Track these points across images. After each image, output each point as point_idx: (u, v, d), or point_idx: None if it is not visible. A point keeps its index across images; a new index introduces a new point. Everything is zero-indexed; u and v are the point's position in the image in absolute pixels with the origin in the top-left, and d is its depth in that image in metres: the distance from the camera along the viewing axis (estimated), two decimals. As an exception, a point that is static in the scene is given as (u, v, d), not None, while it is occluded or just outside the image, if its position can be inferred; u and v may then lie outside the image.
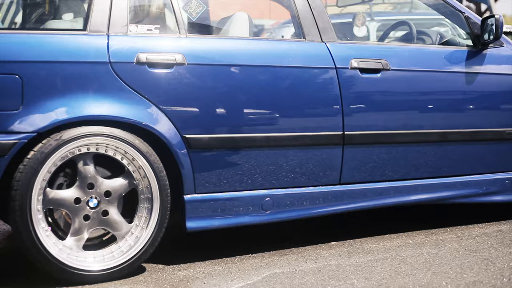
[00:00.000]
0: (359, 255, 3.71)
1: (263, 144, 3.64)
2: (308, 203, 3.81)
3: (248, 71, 3.61)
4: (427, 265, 3.49)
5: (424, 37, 4.55)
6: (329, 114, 3.79)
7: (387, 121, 3.96)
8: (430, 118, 4.09)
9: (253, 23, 4.14)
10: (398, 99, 4.00)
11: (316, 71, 3.77)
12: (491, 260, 3.54)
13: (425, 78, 4.08)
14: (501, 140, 4.33)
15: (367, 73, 3.89)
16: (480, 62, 4.25)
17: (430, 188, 4.16)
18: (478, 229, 4.23)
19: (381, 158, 3.98)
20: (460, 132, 4.17)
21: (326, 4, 4.87)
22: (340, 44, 3.92)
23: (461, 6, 4.38)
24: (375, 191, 4.00)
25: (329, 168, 3.83)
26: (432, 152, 4.13)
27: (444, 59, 4.17)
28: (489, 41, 4.22)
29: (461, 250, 3.76)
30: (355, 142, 3.86)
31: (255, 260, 3.65)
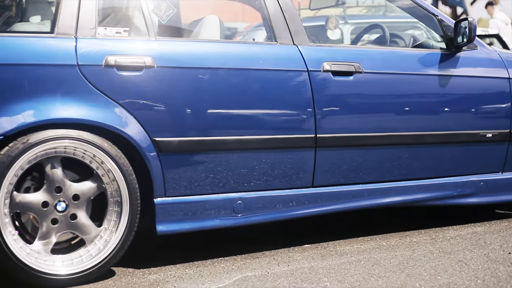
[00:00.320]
0: (333, 257, 3.69)
1: (235, 147, 3.62)
2: (281, 206, 3.78)
3: (219, 74, 3.59)
4: (400, 267, 3.47)
5: (398, 40, 4.54)
6: (301, 117, 3.77)
7: (360, 123, 3.94)
8: (403, 120, 4.08)
9: (224, 26, 4.13)
10: (371, 101, 3.99)
11: (288, 74, 3.76)
12: (466, 262, 3.53)
13: (398, 80, 4.07)
14: (475, 142, 4.33)
15: (340, 76, 3.87)
16: (453, 64, 4.25)
17: (405, 190, 4.15)
18: (453, 231, 4.22)
19: (354, 160, 3.97)
20: (434, 134, 4.17)
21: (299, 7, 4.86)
22: (312, 47, 3.91)
23: (434, 9, 4.39)
24: (349, 194, 3.98)
25: (302, 171, 3.81)
26: (406, 154, 4.12)
27: (418, 62, 4.17)
28: (463, 44, 4.22)
29: (435, 252, 3.75)
30: (328, 144, 3.84)
31: (227, 263, 3.62)
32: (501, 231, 4.20)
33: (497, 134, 4.37)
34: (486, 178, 4.40)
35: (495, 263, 3.50)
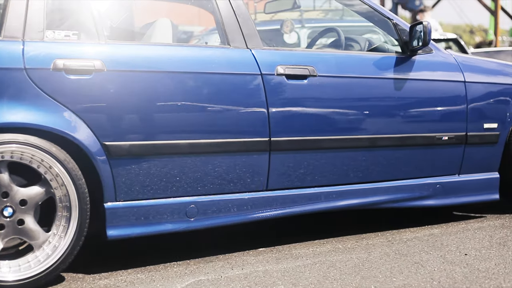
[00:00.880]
0: (287, 260, 3.67)
1: (187, 151, 3.58)
2: (235, 210, 3.76)
3: (170, 77, 3.56)
4: (356, 269, 3.46)
5: (353, 43, 4.54)
6: (255, 120, 3.75)
7: (315, 127, 3.93)
8: (358, 123, 4.08)
9: (176, 29, 4.10)
10: (325, 105, 3.98)
11: (241, 78, 3.73)
12: (421, 264, 3.53)
13: (353, 84, 4.07)
14: (431, 145, 4.34)
15: (294, 79, 3.86)
16: (408, 68, 4.26)
17: (362, 193, 4.15)
18: (410, 233, 4.22)
19: (310, 163, 3.95)
20: (389, 137, 4.17)
21: (256, 10, 4.85)
22: (266, 51, 3.89)
23: (389, 13, 4.39)
24: (305, 197, 3.97)
25: (256, 174, 3.79)
26: (362, 157, 4.12)
27: (373, 65, 4.17)
28: (418, 47, 4.24)
29: (391, 254, 3.74)
30: (282, 148, 3.83)
31: (180, 267, 3.59)
32: (458, 233, 4.20)
33: (453, 136, 4.38)
34: (443, 180, 4.42)
35: (451, 264, 3.50)
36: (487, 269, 3.41)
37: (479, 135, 4.48)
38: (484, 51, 13.69)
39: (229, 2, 3.86)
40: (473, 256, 3.66)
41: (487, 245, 3.88)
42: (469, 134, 4.43)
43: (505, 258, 3.59)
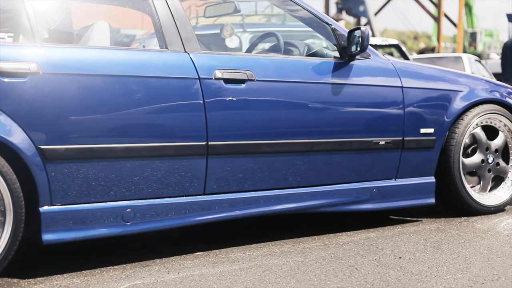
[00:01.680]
0: (224, 264, 3.68)
1: (124, 155, 3.58)
2: (173, 214, 3.77)
3: (107, 81, 3.55)
4: (291, 273, 3.49)
5: (292, 48, 4.57)
6: (193, 125, 3.76)
7: (253, 131, 3.96)
8: (296, 128, 4.11)
9: (115, 32, 4.09)
10: (263, 109, 4.00)
11: (179, 82, 3.74)
12: (356, 267, 3.56)
13: (291, 88, 4.10)
14: (369, 149, 4.40)
15: (232, 83, 3.88)
16: (346, 73, 4.31)
17: (299, 197, 4.18)
18: (346, 237, 4.26)
19: (248, 168, 3.98)
20: (327, 142, 4.22)
21: (198, 14, 4.86)
22: (204, 55, 3.91)
23: (328, 18, 4.44)
24: (243, 201, 3.99)
25: (194, 178, 3.81)
26: (300, 161, 4.16)
27: (311, 70, 4.21)
28: (356, 52, 4.29)
29: (327, 257, 3.78)
30: (220, 152, 3.84)
31: (116, 272, 3.57)
32: (394, 237, 4.26)
33: (390, 141, 4.44)
34: (379, 184, 4.47)
35: (385, 267, 3.55)
36: (420, 272, 3.46)
37: (415, 140, 4.54)
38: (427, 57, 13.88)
39: (167, 6, 3.87)
40: (407, 259, 3.71)
41: (421, 249, 3.94)
42: (406, 139, 4.50)
43: (439, 261, 3.65)
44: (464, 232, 4.35)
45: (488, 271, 3.45)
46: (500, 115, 4.92)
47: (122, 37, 5.48)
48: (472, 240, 4.13)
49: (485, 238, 4.18)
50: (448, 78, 4.83)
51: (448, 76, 4.86)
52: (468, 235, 4.28)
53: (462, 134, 4.70)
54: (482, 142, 4.87)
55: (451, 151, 4.67)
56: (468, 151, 4.92)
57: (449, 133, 4.69)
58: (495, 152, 4.94)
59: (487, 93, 4.92)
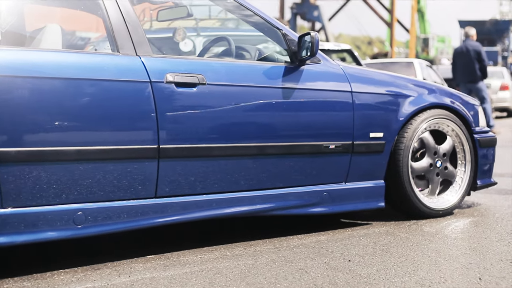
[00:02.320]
0: (175, 267, 3.70)
1: (76, 158, 3.57)
2: (125, 217, 3.77)
3: (58, 83, 3.54)
4: (242, 276, 3.51)
5: (244, 52, 4.61)
6: (144, 128, 3.77)
7: (204, 134, 3.98)
8: (247, 132, 4.14)
9: (67, 35, 4.08)
10: (214, 113, 4.02)
11: (130, 85, 3.75)
12: (306, 270, 3.60)
13: (242, 92, 4.13)
14: (318, 153, 4.45)
15: (183, 87, 3.90)
16: (297, 78, 4.35)
17: (251, 200, 4.21)
18: (297, 240, 4.30)
19: (200, 171, 4.00)
20: (278, 145, 4.25)
21: (152, 18, 4.86)
22: (156, 58, 3.92)
23: (279, 24, 4.48)
24: (195, 204, 4.01)
25: (146, 181, 3.81)
26: (252, 165, 4.19)
27: (262, 74, 4.24)
28: (306, 57, 4.34)
29: (277, 260, 3.81)
30: (171, 155, 3.86)
31: (67, 275, 3.57)
32: (344, 240, 4.31)
33: (340, 145, 4.49)
34: (329, 188, 4.52)
35: (335, 270, 3.59)
36: (369, 275, 3.51)
37: (365, 144, 4.61)
38: (379, 62, 14.01)
39: (119, 9, 3.88)
40: (357, 262, 3.76)
41: (370, 252, 3.99)
42: (356, 143, 4.56)
43: (387, 264, 3.70)
44: (413, 235, 4.42)
45: (435, 274, 3.51)
46: (448, 120, 5.01)
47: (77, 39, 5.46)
48: (421, 243, 4.19)
49: (433, 241, 4.25)
50: (397, 83, 4.90)
51: (397, 81, 4.93)
52: (416, 238, 4.34)
53: (410, 138, 4.78)
54: (430, 146, 4.96)
55: (400, 155, 4.74)
56: (417, 155, 5.01)
57: (398, 137, 4.77)
58: (443, 156, 5.03)
59: (435, 98, 5.00)
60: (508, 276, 3.44)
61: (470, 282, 3.35)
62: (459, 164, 5.18)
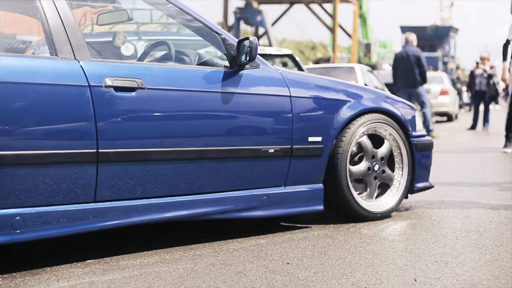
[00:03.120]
0: (114, 272, 3.70)
1: (14, 162, 3.55)
2: (64, 221, 3.75)
3: None
4: (181, 279, 3.53)
5: (183, 57, 4.63)
6: (82, 132, 3.76)
7: (144, 139, 3.99)
8: (187, 136, 4.16)
9: (9, 38, 4.06)
10: (154, 117, 4.03)
11: (68, 89, 3.73)
12: (245, 273, 3.63)
13: (182, 97, 4.15)
14: (258, 157, 4.48)
15: (122, 91, 3.90)
16: (236, 82, 4.38)
17: (191, 204, 4.23)
18: (237, 244, 4.33)
19: (140, 175, 4.00)
20: (217, 150, 4.28)
21: (93, 21, 4.84)
22: (95, 62, 3.91)
23: (218, 28, 4.50)
24: (135, 208, 4.01)
25: (86, 186, 3.80)
26: (192, 169, 4.21)
27: (202, 79, 4.26)
28: (245, 62, 4.37)
29: (217, 264, 3.83)
30: (110, 159, 3.86)
31: (5, 280, 3.53)
32: (283, 243, 4.35)
33: (279, 149, 4.54)
34: (269, 192, 4.56)
35: (273, 273, 3.63)
36: (307, 277, 3.55)
37: (304, 148, 4.66)
38: (321, 67, 14.12)
39: (57, 13, 3.86)
40: (295, 265, 3.80)
41: (309, 254, 4.04)
42: (294, 147, 4.61)
43: (325, 267, 3.75)
44: (351, 238, 4.48)
45: (372, 275, 3.57)
46: (385, 124, 5.09)
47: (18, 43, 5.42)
48: (358, 246, 4.25)
49: (371, 244, 4.31)
50: (336, 88, 4.97)
51: (336, 86, 4.99)
52: (354, 240, 4.41)
53: (349, 142, 4.85)
54: (368, 150, 5.03)
55: (338, 159, 4.81)
56: (355, 159, 5.08)
57: (336, 141, 4.83)
58: (381, 160, 5.11)
59: (373, 103, 5.08)
60: (442, 277, 3.52)
61: (405, 283, 3.42)
62: (397, 168, 5.26)
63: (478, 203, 5.85)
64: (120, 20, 4.86)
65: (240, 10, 35.12)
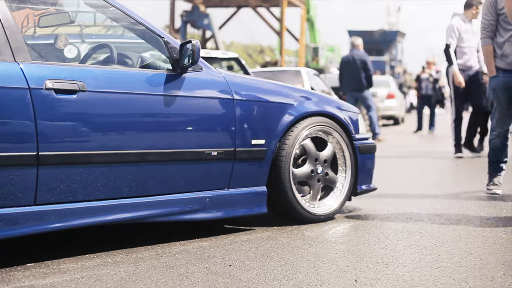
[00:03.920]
0: (55, 275, 3.67)
1: None
2: (4, 224, 3.71)
3: None
4: (122, 282, 3.52)
5: (126, 60, 4.61)
6: (23, 135, 3.73)
7: (85, 141, 3.97)
8: (129, 139, 4.15)
9: None
10: (95, 120, 4.02)
11: (8, 92, 3.70)
12: (187, 275, 3.63)
13: (124, 100, 4.14)
14: (201, 160, 4.49)
15: (63, 94, 3.88)
16: (178, 85, 4.39)
17: (133, 207, 4.22)
18: (180, 246, 4.33)
19: (82, 178, 3.98)
20: (159, 152, 4.27)
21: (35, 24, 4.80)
22: (35, 65, 3.88)
23: (160, 31, 4.50)
24: (77, 211, 3.98)
25: (26, 189, 3.77)
26: (134, 171, 4.20)
27: (143, 81, 4.26)
28: (188, 65, 4.38)
29: (159, 267, 3.83)
30: (51, 162, 3.83)
31: None
32: (226, 245, 4.36)
33: (222, 152, 4.55)
34: (212, 194, 4.57)
35: (215, 275, 3.63)
36: (248, 279, 3.56)
37: (247, 151, 4.68)
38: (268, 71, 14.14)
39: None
40: (237, 267, 3.81)
41: (251, 256, 4.05)
42: (238, 150, 4.62)
43: (267, 268, 3.76)
44: (294, 240, 4.50)
45: (313, 277, 3.60)
46: (328, 127, 5.13)
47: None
48: (301, 248, 4.28)
49: (313, 246, 4.35)
50: (279, 92, 4.99)
51: (280, 90, 5.02)
52: (297, 242, 4.43)
53: (292, 145, 4.88)
54: (311, 153, 5.07)
55: (281, 162, 4.83)
56: (299, 162, 5.11)
57: (279, 144, 4.86)
58: (324, 163, 5.15)
59: (316, 106, 5.12)
60: (383, 278, 3.56)
61: (346, 284, 3.45)
62: (340, 170, 5.31)
63: (420, 205, 5.93)
64: (62, 23, 4.82)
65: (187, 14, 35.01)
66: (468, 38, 10.47)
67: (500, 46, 6.23)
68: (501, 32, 6.25)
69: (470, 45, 10.48)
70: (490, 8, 6.28)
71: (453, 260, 3.91)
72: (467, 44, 10.47)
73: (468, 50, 10.50)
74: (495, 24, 6.27)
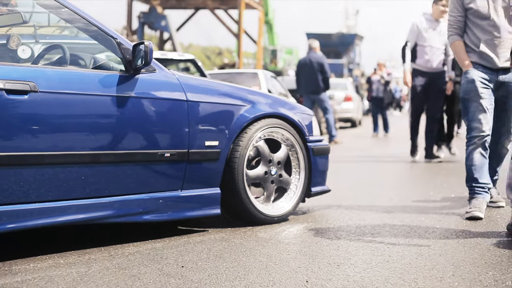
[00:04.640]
0: (6, 276, 3.65)
1: None
2: None
3: None
4: (74, 283, 3.51)
5: (79, 60, 4.58)
6: None
7: (36, 142, 3.94)
8: (81, 140, 4.14)
9: None
10: (47, 121, 3.99)
11: None
12: (139, 277, 3.63)
13: (76, 100, 4.12)
14: (154, 161, 4.49)
15: (14, 94, 3.86)
16: (131, 86, 4.38)
17: (85, 208, 4.20)
18: (133, 247, 4.33)
19: (35, 179, 3.96)
20: (112, 153, 4.27)
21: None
22: None
23: (114, 33, 4.49)
24: (29, 212, 3.96)
25: (-23, 190, 3.75)
26: (87, 173, 4.18)
27: (96, 82, 4.24)
28: (140, 66, 4.38)
29: (111, 268, 3.82)
30: (2, 163, 3.80)
31: None
32: (179, 246, 4.37)
33: (175, 153, 4.55)
34: (165, 195, 4.58)
35: (167, 276, 3.64)
36: (200, 280, 3.57)
37: (200, 152, 4.68)
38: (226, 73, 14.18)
39: None
40: (190, 268, 3.82)
41: (204, 258, 4.06)
42: (191, 151, 4.63)
43: (219, 269, 3.78)
44: (247, 241, 4.52)
45: (265, 277, 3.62)
46: (282, 129, 5.16)
47: None
48: (254, 249, 4.30)
49: (266, 247, 4.37)
50: (233, 94, 5.01)
51: (234, 92, 5.04)
52: (250, 244, 4.45)
53: (246, 146, 4.90)
54: (265, 154, 5.10)
55: (235, 163, 4.85)
56: (253, 163, 5.14)
57: (233, 145, 4.88)
58: (277, 164, 5.18)
59: (270, 108, 5.15)
60: (334, 278, 3.59)
61: (297, 285, 3.47)
62: (294, 172, 5.34)
63: (374, 207, 5.98)
64: (14, 23, 4.79)
65: (144, 15, 34.93)
66: (430, 37, 10.12)
67: (475, 43, 5.68)
68: (472, 29, 5.71)
69: (432, 44, 10.14)
70: (456, 3, 5.78)
71: (404, 261, 3.96)
72: (428, 43, 10.12)
73: (429, 49, 10.15)
74: (463, 20, 5.75)
